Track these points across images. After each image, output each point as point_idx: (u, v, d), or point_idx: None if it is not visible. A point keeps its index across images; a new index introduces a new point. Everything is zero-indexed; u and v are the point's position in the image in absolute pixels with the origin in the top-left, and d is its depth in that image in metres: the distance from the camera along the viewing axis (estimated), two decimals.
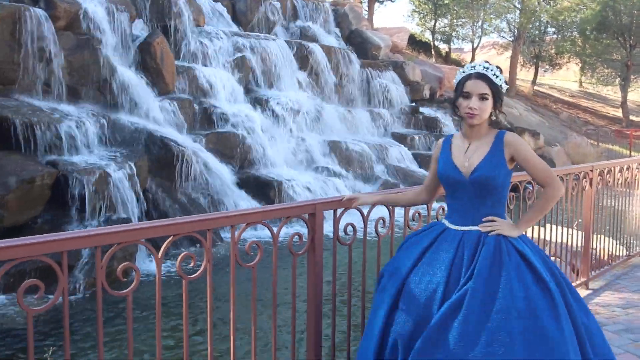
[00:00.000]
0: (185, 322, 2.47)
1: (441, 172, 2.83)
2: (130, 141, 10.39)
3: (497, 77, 2.75)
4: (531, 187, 4.76)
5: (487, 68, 2.74)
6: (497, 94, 2.74)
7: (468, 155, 2.77)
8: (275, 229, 2.75)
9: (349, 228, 3.09)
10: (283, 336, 5.41)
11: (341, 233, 3.08)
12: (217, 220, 2.51)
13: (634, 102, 38.92)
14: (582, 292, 5.45)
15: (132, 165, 9.32)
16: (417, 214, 3.51)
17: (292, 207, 2.81)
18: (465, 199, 2.75)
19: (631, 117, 33.33)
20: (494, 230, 2.67)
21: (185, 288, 2.43)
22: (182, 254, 2.41)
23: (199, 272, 2.46)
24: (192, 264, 2.45)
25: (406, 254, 2.79)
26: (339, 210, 3.07)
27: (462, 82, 2.76)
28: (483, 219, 2.72)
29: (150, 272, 8.03)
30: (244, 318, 3.99)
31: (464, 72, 2.79)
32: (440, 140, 2.97)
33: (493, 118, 2.81)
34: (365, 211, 3.20)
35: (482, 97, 2.70)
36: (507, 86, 2.77)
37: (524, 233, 2.76)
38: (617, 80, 34.43)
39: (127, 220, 8.50)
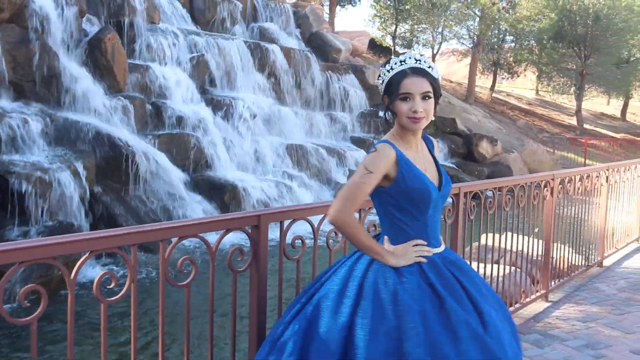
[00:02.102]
0: (103, 350, 2.15)
1: (415, 187, 2.30)
2: (76, 141, 9.90)
3: (433, 69, 2.35)
4: (492, 195, 4.58)
5: (419, 60, 2.32)
6: (437, 90, 2.34)
7: (425, 166, 2.41)
8: (213, 242, 2.45)
9: (298, 241, 2.81)
10: None
11: (288, 247, 2.79)
12: (143, 234, 2.19)
13: (588, 111, 39.76)
14: (542, 305, 5.30)
15: (78, 166, 8.85)
16: (373, 226, 3.23)
17: (232, 218, 2.51)
18: (437, 215, 2.43)
19: (585, 126, 33.98)
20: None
21: (104, 312, 2.11)
22: (100, 274, 2.09)
23: (121, 294, 2.14)
24: (112, 285, 2.13)
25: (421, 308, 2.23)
26: (287, 222, 2.78)
27: (396, 82, 2.30)
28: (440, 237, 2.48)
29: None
30: (181, 340, 3.66)
31: (392, 68, 2.32)
32: (388, 148, 2.32)
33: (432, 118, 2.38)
34: (315, 222, 2.92)
35: (425, 97, 2.29)
36: (440, 76, 2.40)
37: None
38: (572, 89, 35.08)
39: (71, 226, 8.05)
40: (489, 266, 5.19)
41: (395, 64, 2.33)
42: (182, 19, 16.45)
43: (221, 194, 11.15)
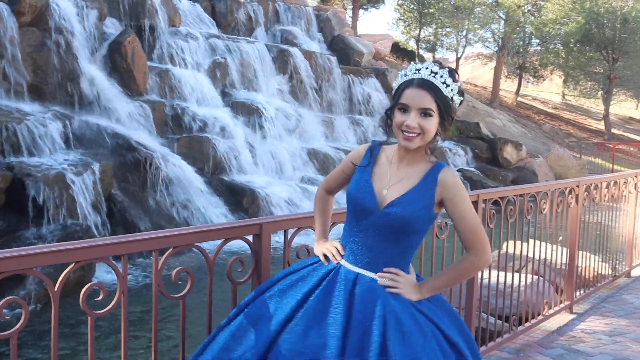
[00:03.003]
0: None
1: (351, 191, 2.17)
2: (95, 144, 9.88)
3: (448, 86, 2.07)
4: (513, 202, 4.38)
5: (436, 73, 2.06)
6: (445, 110, 2.07)
7: (391, 182, 2.15)
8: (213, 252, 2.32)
9: (304, 251, 2.66)
10: None
11: (293, 257, 2.64)
12: (135, 243, 2.07)
13: (616, 115, 39.02)
14: (566, 317, 5.07)
15: (96, 169, 8.81)
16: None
17: (231, 227, 2.37)
18: (371, 234, 2.13)
19: (613, 130, 33.33)
20: (394, 288, 2.10)
21: (91, 326, 1.98)
22: (88, 285, 1.97)
23: (110, 306, 2.02)
24: (100, 297, 2.00)
25: (281, 299, 2.13)
26: (291, 230, 2.63)
27: (400, 89, 2.09)
28: (384, 269, 2.13)
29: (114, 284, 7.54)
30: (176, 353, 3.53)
31: (405, 74, 2.11)
32: (364, 147, 2.28)
33: (438, 141, 2.15)
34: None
35: (425, 113, 2.05)
36: (462, 99, 2.12)
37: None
38: (600, 93, 34.45)
39: (87, 229, 8.00)
40: (510, 275, 5.00)
41: (410, 70, 2.12)
42: (204, 22, 16.44)
43: (240, 198, 11.06)
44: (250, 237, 2.46)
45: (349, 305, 2.06)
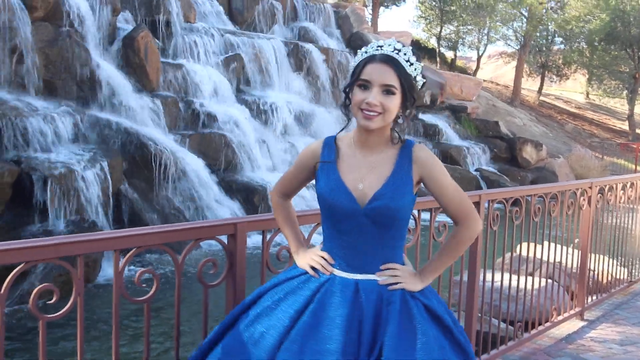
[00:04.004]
0: None
1: (323, 195, 2.00)
2: (105, 140, 9.84)
3: (412, 64, 1.95)
4: (520, 204, 4.19)
5: (399, 50, 1.93)
6: (408, 89, 1.94)
7: (362, 174, 2.00)
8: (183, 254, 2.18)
9: (284, 253, 2.52)
10: None
11: (273, 258, 2.50)
12: (93, 243, 1.94)
13: None
14: (576, 324, 4.87)
15: (104, 165, 8.76)
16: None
17: (202, 226, 2.23)
18: (357, 235, 1.99)
19: (638, 131, 32.66)
20: (397, 284, 1.99)
21: (42, 330, 1.86)
22: (39, 287, 1.84)
23: (64, 310, 1.89)
24: (54, 299, 1.87)
25: (273, 313, 1.97)
26: (270, 231, 2.49)
27: (360, 65, 1.95)
28: (381, 266, 2.01)
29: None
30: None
31: (366, 51, 1.97)
32: (318, 144, 2.13)
33: (400, 122, 2.00)
34: (306, 232, 2.62)
35: (387, 91, 1.91)
36: (424, 81, 2.00)
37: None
38: (625, 92, 33.78)
39: (93, 224, 7.95)
40: (523, 278, 4.81)
41: (372, 47, 1.98)
42: (220, 18, 16.36)
43: (251, 195, 10.95)
44: (224, 238, 2.32)
45: (355, 316, 1.92)
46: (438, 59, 32.98)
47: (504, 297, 4.82)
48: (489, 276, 4.62)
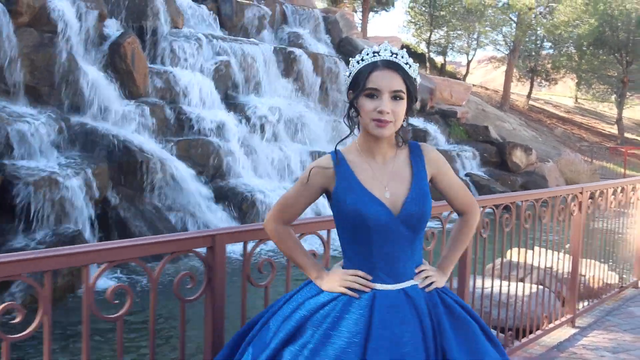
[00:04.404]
0: None
1: (356, 210, 1.92)
2: (91, 147, 9.70)
3: (410, 66, 1.97)
4: (510, 210, 4.11)
5: (397, 54, 1.94)
6: (413, 91, 1.97)
7: (384, 182, 1.98)
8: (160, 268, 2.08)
9: (267, 265, 2.43)
10: None
11: (254, 271, 2.41)
12: (62, 258, 1.84)
13: (630, 119, 38.44)
14: (568, 331, 4.80)
15: (89, 172, 8.63)
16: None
17: (179, 239, 2.14)
18: (393, 244, 1.95)
19: (626, 135, 32.83)
20: (432, 284, 2.01)
21: (6, 352, 1.76)
22: (4, 305, 1.74)
23: (29, 330, 1.79)
24: (18, 319, 1.77)
25: (332, 344, 1.84)
26: (251, 243, 2.40)
27: (364, 74, 1.92)
28: (416, 270, 2.02)
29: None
30: None
31: (362, 59, 1.95)
32: (326, 161, 2.05)
33: (404, 125, 2.00)
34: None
35: (396, 97, 1.92)
36: (417, 76, 2.01)
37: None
38: (613, 96, 33.96)
39: (78, 234, 7.81)
40: (514, 284, 4.74)
41: (367, 54, 1.96)
42: (209, 24, 16.26)
43: (239, 202, 10.83)
44: (202, 250, 2.23)
45: (417, 326, 1.91)
46: (428, 64, 33.05)
47: (495, 304, 4.75)
48: (479, 282, 4.55)
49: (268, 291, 2.46)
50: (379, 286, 1.95)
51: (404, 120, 1.98)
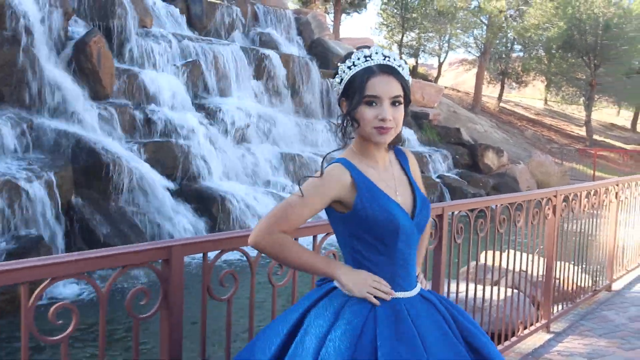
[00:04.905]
0: None
1: (389, 217, 1.84)
2: (54, 149, 9.40)
3: (403, 69, 1.89)
4: (485, 215, 4.00)
5: (389, 57, 1.85)
6: (408, 94, 1.89)
7: (393, 188, 1.93)
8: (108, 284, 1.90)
9: (229, 277, 2.25)
10: None
11: (215, 284, 2.24)
12: None
13: (598, 122, 39.01)
14: (543, 337, 4.72)
15: (52, 175, 8.34)
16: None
17: (131, 252, 1.95)
18: (411, 250, 1.94)
19: (595, 137, 33.27)
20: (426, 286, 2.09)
21: None
22: None
23: None
24: None
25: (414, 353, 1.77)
26: (212, 253, 2.22)
27: (360, 81, 1.81)
28: (417, 274, 2.04)
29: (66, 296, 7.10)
30: None
31: (354, 64, 1.84)
32: (341, 169, 1.87)
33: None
34: (253, 253, 2.36)
35: (395, 102, 1.84)
36: (410, 79, 1.93)
37: None
38: (582, 99, 34.40)
39: (39, 239, 7.52)
40: (488, 288, 4.64)
41: (359, 59, 1.84)
42: (178, 24, 15.99)
43: (209, 205, 10.61)
44: (158, 264, 2.05)
45: (445, 321, 1.91)
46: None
47: (469, 309, 4.64)
48: (453, 287, 4.45)
49: (231, 305, 2.29)
50: (400, 294, 1.90)
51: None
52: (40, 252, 7.27)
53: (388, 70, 1.83)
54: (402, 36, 34.22)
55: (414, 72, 34.63)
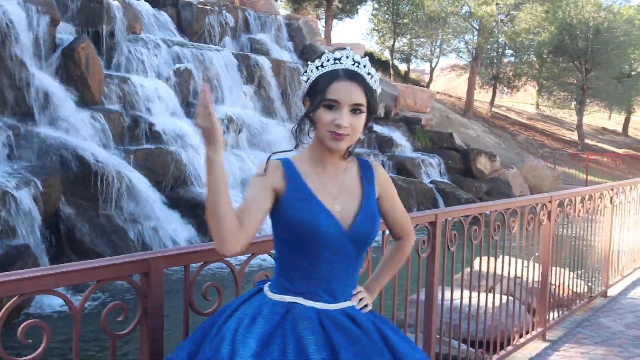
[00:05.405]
0: None
1: (305, 219, 1.76)
2: (42, 157, 9.26)
3: (372, 77, 1.83)
4: (479, 221, 3.91)
5: (359, 63, 1.80)
6: (373, 104, 1.82)
7: (334, 194, 1.84)
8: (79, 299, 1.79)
9: (212, 290, 2.15)
10: None
11: (198, 297, 2.13)
12: None
13: (590, 126, 39.14)
14: (539, 345, 4.62)
15: (39, 183, 8.20)
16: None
17: (107, 265, 1.84)
18: (338, 262, 1.81)
19: (586, 141, 33.35)
20: (365, 307, 1.91)
21: None
22: None
23: None
24: None
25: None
26: (194, 265, 2.12)
27: (323, 84, 1.77)
28: (353, 291, 1.90)
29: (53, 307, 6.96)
30: None
31: (322, 65, 1.80)
32: (276, 166, 1.83)
33: (362, 137, 1.88)
34: (238, 265, 2.26)
35: (356, 110, 1.78)
36: (380, 91, 1.89)
37: None
38: (573, 103, 34.49)
39: (26, 248, 7.38)
40: (482, 295, 4.54)
41: (328, 60, 1.81)
42: (168, 29, 15.89)
43: (201, 212, 10.46)
44: (136, 278, 1.94)
45: (369, 339, 1.79)
46: (391, 71, 33.09)
47: (464, 316, 4.54)
48: (447, 294, 4.35)
49: None
50: (319, 305, 1.80)
51: (361, 133, 1.86)
52: (26, 261, 7.15)
53: (353, 76, 1.78)
54: (394, 41, 34.18)
55: (405, 77, 34.62)
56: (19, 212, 7.72)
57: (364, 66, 1.81)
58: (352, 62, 1.79)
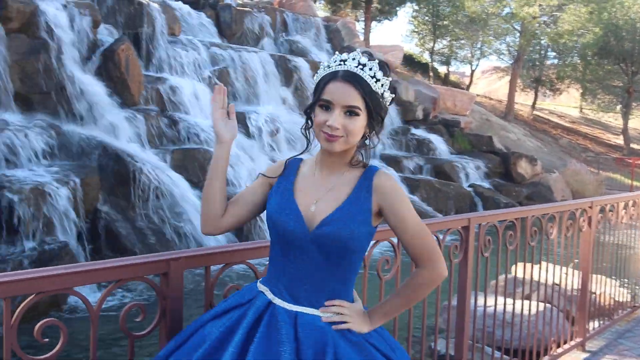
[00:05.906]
0: None
1: (272, 213, 1.81)
2: (82, 156, 9.42)
3: (378, 80, 1.76)
4: (514, 227, 3.79)
5: (364, 65, 1.74)
6: (374, 108, 1.76)
7: (318, 196, 1.81)
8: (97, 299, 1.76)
9: (233, 292, 2.10)
10: None
11: (219, 299, 2.08)
12: None
13: (635, 130, 38.05)
14: (578, 356, 4.46)
15: (78, 182, 8.33)
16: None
17: (126, 265, 1.81)
18: (301, 263, 1.77)
19: (632, 145, 32.44)
20: (342, 323, 1.76)
21: None
22: None
23: None
24: None
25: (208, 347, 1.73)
26: (215, 267, 2.08)
27: (322, 84, 1.76)
28: (326, 302, 1.78)
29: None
30: None
31: (328, 66, 1.78)
32: (280, 163, 1.96)
33: (367, 142, 1.83)
34: (261, 267, 2.21)
35: (350, 112, 1.74)
36: (393, 96, 1.82)
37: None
38: (619, 107, 33.60)
39: (64, 246, 7.50)
40: (519, 302, 4.41)
41: (335, 61, 1.78)
42: (208, 31, 16.04)
43: None
44: (156, 278, 1.91)
45: (297, 352, 1.70)
46: (431, 74, 32.80)
47: (498, 323, 4.42)
48: (481, 300, 4.23)
49: None
50: (277, 301, 1.79)
51: (366, 138, 1.82)
52: (64, 259, 7.26)
53: (351, 78, 1.74)
54: (434, 43, 33.88)
55: (445, 79, 34.27)
56: (58, 210, 7.86)
57: (370, 69, 1.76)
58: (357, 65, 1.75)
